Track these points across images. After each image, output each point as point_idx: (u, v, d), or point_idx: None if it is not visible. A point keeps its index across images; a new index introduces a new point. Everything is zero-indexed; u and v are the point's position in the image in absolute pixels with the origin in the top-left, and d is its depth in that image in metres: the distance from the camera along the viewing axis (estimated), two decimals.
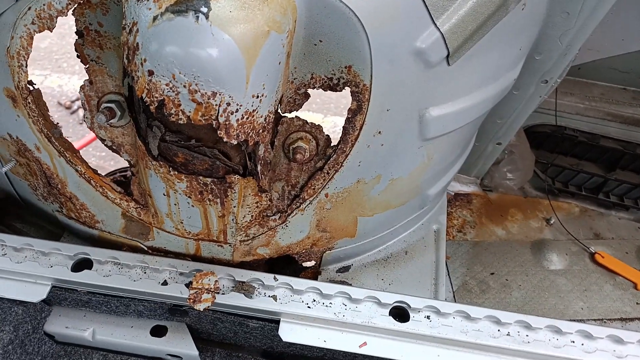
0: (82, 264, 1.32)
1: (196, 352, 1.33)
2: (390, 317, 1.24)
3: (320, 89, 1.09)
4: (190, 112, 0.90)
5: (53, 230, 1.62)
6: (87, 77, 1.10)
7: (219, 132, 0.92)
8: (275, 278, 1.30)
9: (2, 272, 1.29)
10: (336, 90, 1.08)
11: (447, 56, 1.08)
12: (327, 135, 1.17)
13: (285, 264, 1.48)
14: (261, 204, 1.18)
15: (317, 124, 1.15)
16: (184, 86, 0.86)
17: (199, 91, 0.87)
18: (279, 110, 1.10)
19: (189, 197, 1.14)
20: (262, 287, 1.30)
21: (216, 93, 0.87)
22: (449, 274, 1.71)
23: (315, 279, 1.45)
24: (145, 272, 1.32)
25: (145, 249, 1.40)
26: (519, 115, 1.63)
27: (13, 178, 1.42)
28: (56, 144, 1.16)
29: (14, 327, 1.26)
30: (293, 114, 1.14)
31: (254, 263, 1.39)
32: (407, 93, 1.09)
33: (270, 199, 1.19)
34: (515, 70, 1.32)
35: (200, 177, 1.07)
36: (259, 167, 1.11)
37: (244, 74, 0.87)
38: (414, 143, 1.21)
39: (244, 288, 1.28)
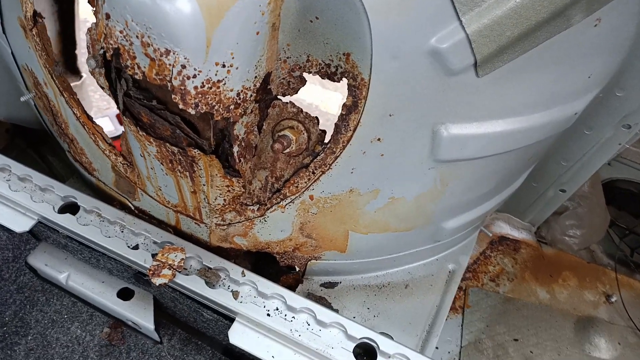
0: (68, 208, 1.34)
1: (152, 326, 1.29)
2: (351, 354, 1.09)
3: (318, 76, 0.97)
4: (145, 67, 0.84)
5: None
6: (95, 20, 1.09)
7: (173, 96, 0.85)
8: (243, 273, 1.21)
9: (0, 197, 1.35)
10: (334, 80, 0.95)
11: (475, 65, 0.90)
12: (321, 130, 1.04)
13: (270, 262, 1.38)
14: (233, 189, 1.09)
15: (313, 115, 1.03)
16: (137, 37, 0.80)
17: (152, 45, 0.80)
18: (272, 91, 0.99)
19: (161, 163, 1.08)
20: (227, 278, 1.21)
21: (170, 51, 0.80)
22: (462, 326, 1.49)
23: (295, 287, 1.33)
24: (122, 232, 1.30)
25: (133, 208, 1.38)
26: (591, 161, 1.35)
27: (39, 110, 1.48)
28: (56, 81, 1.16)
29: None
30: (287, 99, 1.03)
31: (233, 252, 1.30)
32: (417, 100, 0.93)
33: (244, 186, 1.10)
34: (579, 102, 1.08)
35: (168, 144, 1.00)
36: (235, 149, 1.02)
37: (203, 36, 0.78)
38: (423, 162, 1.04)
39: (206, 275, 1.20)
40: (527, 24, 0.85)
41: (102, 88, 1.16)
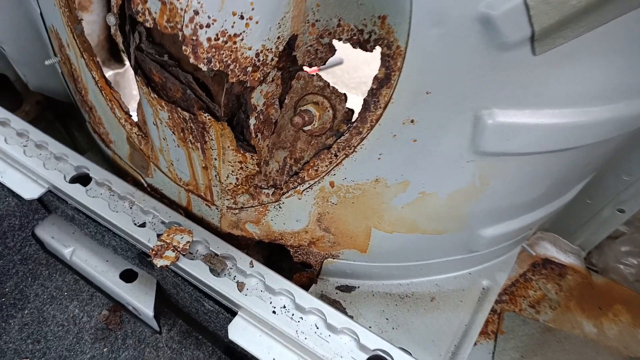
0: (80, 179, 1.29)
1: (151, 313, 1.21)
2: None
3: (349, 44, 0.87)
4: (156, 13, 0.76)
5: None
6: None
7: (184, 47, 0.77)
8: (251, 264, 1.11)
9: (14, 161, 1.32)
10: (366, 49, 0.85)
11: (532, 39, 0.77)
12: (348, 108, 0.94)
13: (285, 257, 1.27)
14: (246, 167, 1.00)
15: (341, 92, 0.93)
16: None
17: None
18: (297, 59, 0.90)
19: (173, 132, 1.01)
20: (234, 268, 1.12)
21: None
22: (494, 353, 1.33)
23: (308, 286, 1.22)
24: (131, 208, 1.23)
25: (146, 185, 1.32)
26: None
27: (65, 77, 1.45)
28: (77, 41, 1.12)
29: (0, 216, 1.27)
30: (314, 71, 0.94)
31: (244, 241, 1.21)
32: (460, 77, 0.81)
33: (259, 164, 1.00)
34: None
35: (179, 109, 0.92)
36: (251, 120, 0.93)
37: None
38: (462, 153, 0.91)
39: (212, 261, 1.11)
40: None
41: (121, 51, 1.10)
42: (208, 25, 0.75)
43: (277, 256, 1.32)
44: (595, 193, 1.33)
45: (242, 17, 0.75)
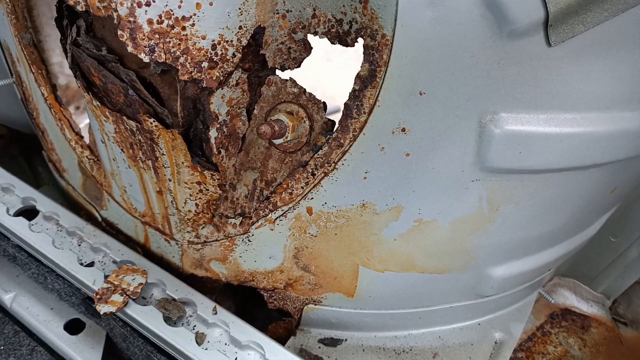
0: (25, 212, 1.12)
1: None
2: None
3: (326, 38, 0.73)
4: None
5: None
6: None
7: (119, 32, 0.63)
8: (214, 310, 0.92)
9: None
10: (347, 43, 0.72)
11: (546, 24, 0.64)
12: (327, 118, 0.79)
13: (259, 304, 1.08)
14: (207, 190, 0.84)
15: (319, 99, 0.78)
16: None
17: None
18: (267, 59, 0.76)
19: (122, 150, 0.86)
20: (194, 315, 0.93)
21: None
22: None
23: (286, 339, 1.02)
24: (79, 245, 1.06)
25: (100, 219, 1.15)
26: None
27: (23, 102, 1.32)
28: (25, 52, 0.99)
29: None
30: (287, 75, 0.80)
31: (210, 284, 1.03)
32: (459, 73, 0.67)
33: (221, 186, 0.84)
34: None
35: (125, 118, 0.77)
36: (212, 132, 0.78)
37: None
38: (465, 170, 0.76)
39: (167, 307, 0.93)
40: None
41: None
42: (148, 4, 0.61)
43: (252, 303, 1.13)
44: (620, 229, 1.16)
45: None
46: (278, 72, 0.81)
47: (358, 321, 1.01)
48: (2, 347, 1.13)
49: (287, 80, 0.80)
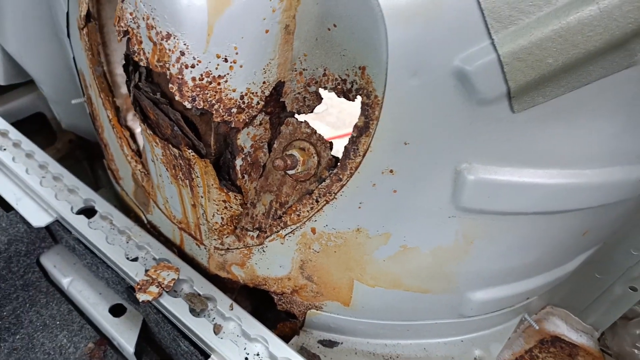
0: (85, 211, 1.33)
1: (132, 349, 1.19)
2: None
3: (334, 93, 0.89)
4: (149, 53, 0.81)
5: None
6: None
7: (170, 85, 0.81)
8: (231, 306, 1.09)
9: (30, 190, 1.38)
10: (349, 98, 0.87)
11: (509, 96, 0.77)
12: (333, 155, 0.94)
13: (271, 307, 1.24)
14: (230, 207, 1.00)
15: (327, 139, 0.94)
16: (143, 19, 0.78)
17: (155, 28, 0.78)
18: (286, 105, 0.93)
19: (166, 168, 1.04)
20: (214, 309, 1.10)
21: (171, 35, 0.77)
22: None
23: (291, 337, 1.17)
24: (127, 242, 1.25)
25: (146, 222, 1.34)
26: None
27: (91, 117, 1.54)
28: (96, 82, 1.20)
29: (9, 241, 1.32)
30: (303, 118, 0.96)
31: (230, 284, 1.19)
32: (438, 129, 0.81)
33: (242, 205, 1.01)
34: None
35: (170, 145, 0.96)
36: (237, 161, 0.95)
37: (204, 22, 0.75)
38: (442, 208, 0.89)
39: (193, 300, 1.10)
40: (575, 52, 0.72)
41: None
42: (193, 66, 0.79)
43: (265, 305, 1.29)
44: (604, 268, 1.25)
45: (226, 60, 0.79)
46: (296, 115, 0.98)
47: (353, 328, 1.15)
48: (58, 322, 1.34)
49: (302, 122, 0.96)
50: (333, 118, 4.07)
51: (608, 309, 1.35)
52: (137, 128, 1.41)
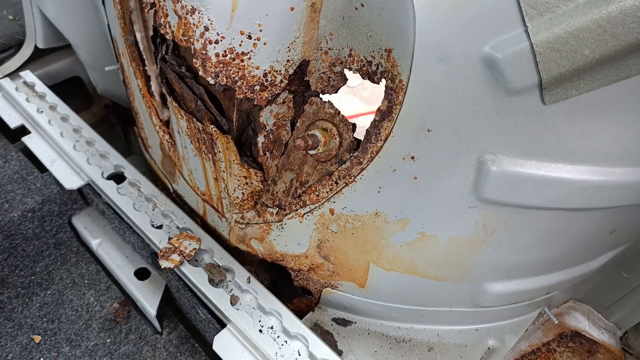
0: (116, 177, 1.37)
1: (154, 312, 1.24)
2: None
3: (359, 74, 0.87)
4: (174, 26, 0.82)
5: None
6: None
7: (194, 60, 0.81)
8: (248, 279, 1.12)
9: (64, 153, 1.43)
10: (374, 81, 0.85)
11: (540, 86, 0.74)
12: (355, 138, 0.93)
13: (289, 282, 1.26)
14: (251, 183, 1.01)
15: (350, 121, 0.93)
16: None
17: (181, 2, 0.78)
18: (310, 84, 0.92)
19: (191, 141, 1.05)
20: (232, 281, 1.13)
21: (195, 9, 0.77)
22: None
23: (306, 313, 1.20)
24: (153, 210, 1.29)
25: (172, 191, 1.37)
26: None
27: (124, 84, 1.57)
28: (128, 51, 1.21)
29: (42, 200, 1.38)
30: (327, 98, 0.95)
31: (250, 258, 1.22)
32: (463, 117, 0.79)
33: (262, 181, 1.02)
34: None
35: (195, 119, 0.97)
36: (259, 138, 0.95)
37: None
38: (463, 198, 0.87)
39: (212, 271, 1.13)
40: (614, 44, 0.68)
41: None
42: (217, 42, 0.79)
43: (284, 280, 1.31)
44: (633, 266, 1.21)
45: (249, 37, 0.79)
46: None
47: (367, 309, 1.16)
48: (86, 281, 1.41)
49: (326, 102, 0.95)
50: (368, 93, 4.02)
51: (634, 308, 1.31)
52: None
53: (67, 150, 1.41)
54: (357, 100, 3.83)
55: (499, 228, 0.91)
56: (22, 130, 1.54)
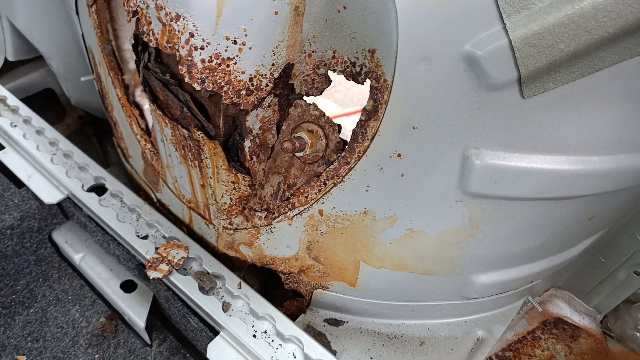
0: (96, 189, 1.35)
1: (142, 324, 1.22)
2: None
3: (342, 76, 0.89)
4: (158, 34, 0.81)
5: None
6: None
7: (180, 67, 0.81)
8: (239, 285, 1.11)
9: (41, 167, 1.40)
10: (358, 81, 0.87)
11: (519, 81, 0.76)
12: (341, 138, 0.95)
13: (278, 285, 1.26)
14: (239, 188, 1.02)
15: (335, 122, 0.94)
16: None
17: (164, 9, 0.78)
18: (295, 87, 0.93)
19: (176, 149, 1.05)
20: (223, 288, 1.13)
21: (180, 16, 0.77)
22: None
23: (298, 315, 1.20)
24: (137, 220, 1.27)
25: (155, 200, 1.36)
26: None
27: (100, 95, 1.55)
28: (106, 60, 1.20)
29: (21, 217, 1.35)
30: (311, 100, 0.96)
31: (239, 263, 1.22)
32: (447, 114, 0.81)
33: (251, 186, 1.02)
34: None
35: (180, 126, 0.96)
36: (246, 143, 0.96)
37: (214, 3, 0.75)
38: (449, 192, 0.90)
39: (202, 279, 1.12)
40: (588, 38, 0.71)
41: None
42: (202, 47, 0.79)
43: (272, 283, 1.31)
44: (610, 252, 1.26)
45: (235, 42, 0.79)
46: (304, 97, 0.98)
47: (359, 307, 1.17)
48: (70, 297, 1.38)
49: (310, 104, 0.96)
50: (340, 95, 4.05)
51: (612, 292, 1.36)
52: (146, 104, 1.41)
53: (45, 164, 1.38)
54: (330, 102, 3.85)
55: (485, 220, 0.94)
56: None
